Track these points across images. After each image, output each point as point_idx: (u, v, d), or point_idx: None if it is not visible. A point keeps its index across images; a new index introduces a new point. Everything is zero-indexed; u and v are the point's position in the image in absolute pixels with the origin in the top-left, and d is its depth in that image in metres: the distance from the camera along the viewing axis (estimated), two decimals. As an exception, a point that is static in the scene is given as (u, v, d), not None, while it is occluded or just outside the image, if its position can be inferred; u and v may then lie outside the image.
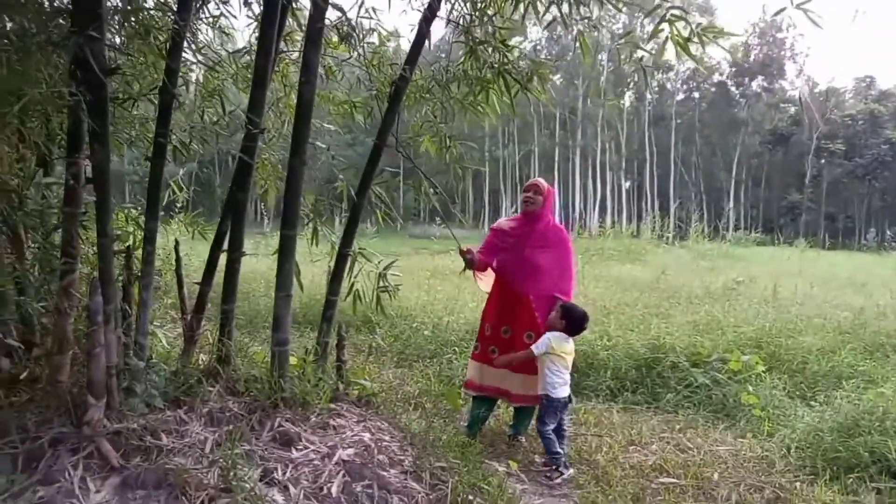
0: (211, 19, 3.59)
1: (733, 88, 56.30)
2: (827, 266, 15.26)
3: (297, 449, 3.08)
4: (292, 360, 3.99)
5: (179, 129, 3.33)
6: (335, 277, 3.89)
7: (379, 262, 4.26)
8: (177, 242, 4.18)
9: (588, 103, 46.76)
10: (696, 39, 3.87)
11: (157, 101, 3.10)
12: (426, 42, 3.62)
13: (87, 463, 2.65)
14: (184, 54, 3.14)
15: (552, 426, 3.93)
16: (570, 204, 47.36)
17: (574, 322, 4.04)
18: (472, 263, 4.24)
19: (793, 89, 56.28)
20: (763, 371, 5.05)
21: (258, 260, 7.78)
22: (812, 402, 4.83)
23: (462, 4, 3.85)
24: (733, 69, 55.53)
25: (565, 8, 3.69)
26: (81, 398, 2.86)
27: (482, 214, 47.83)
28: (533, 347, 4.01)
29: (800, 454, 3.91)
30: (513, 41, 4.19)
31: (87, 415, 2.79)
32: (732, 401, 4.84)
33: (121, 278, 3.45)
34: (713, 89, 56.65)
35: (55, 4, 3.00)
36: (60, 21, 2.86)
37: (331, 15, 3.64)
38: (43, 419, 2.86)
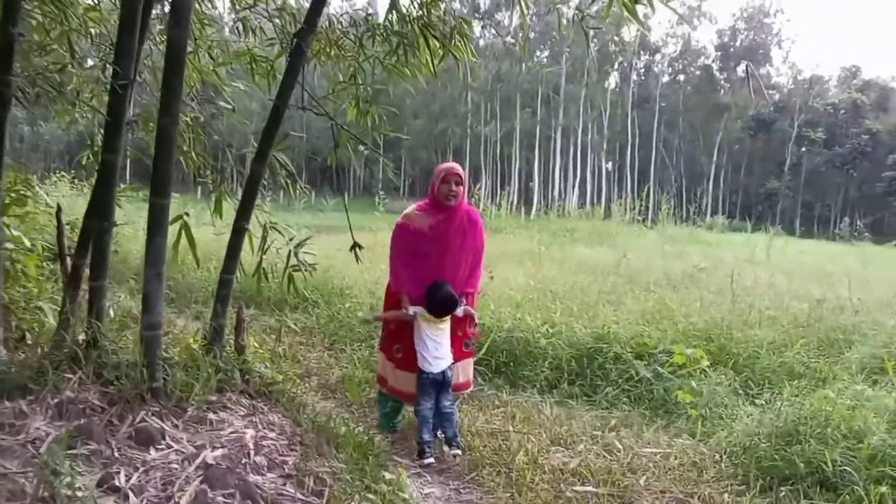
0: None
1: (718, 73, 56.10)
2: (795, 255, 15.07)
3: (156, 449, 2.69)
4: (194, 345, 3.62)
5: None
6: (231, 254, 3.49)
7: (291, 239, 3.88)
8: (59, 209, 3.76)
9: (571, 82, 46.18)
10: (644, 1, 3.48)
11: None
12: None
13: None
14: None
15: (426, 405, 3.75)
16: (549, 183, 47.06)
17: (430, 302, 3.80)
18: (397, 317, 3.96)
19: (778, 76, 56.27)
20: (708, 365, 4.75)
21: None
22: (758, 401, 4.54)
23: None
24: (719, 53, 55.28)
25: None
26: None
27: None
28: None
29: (734, 461, 3.61)
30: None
31: None
32: (673, 397, 4.53)
33: None
34: (698, 73, 56.39)
35: None
36: None
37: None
38: None
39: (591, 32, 3.72)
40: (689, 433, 4.10)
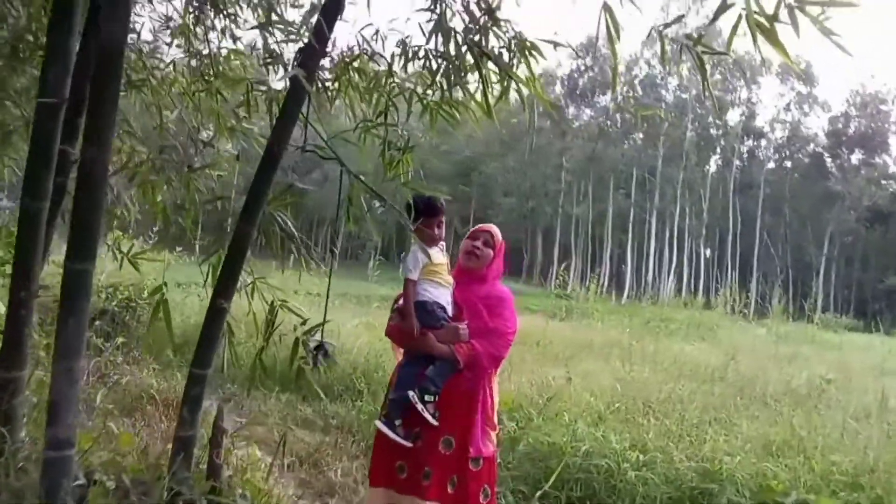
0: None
1: (829, 160, 53.01)
2: (938, 365, 12.83)
3: None
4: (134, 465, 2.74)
5: None
6: (206, 342, 2.61)
7: (303, 323, 3.00)
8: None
9: (668, 165, 44.73)
10: (786, 19, 2.44)
11: None
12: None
13: None
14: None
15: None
16: (643, 267, 44.98)
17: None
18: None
19: (896, 165, 52.57)
20: (869, 536, 3.39)
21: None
22: None
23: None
24: (830, 140, 52.41)
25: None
26: None
27: (549, 271, 45.74)
28: None
29: None
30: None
31: None
32: (818, 579, 3.19)
33: None
34: (807, 160, 53.54)
35: None
36: None
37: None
38: None
39: (697, 81, 2.71)
40: None
